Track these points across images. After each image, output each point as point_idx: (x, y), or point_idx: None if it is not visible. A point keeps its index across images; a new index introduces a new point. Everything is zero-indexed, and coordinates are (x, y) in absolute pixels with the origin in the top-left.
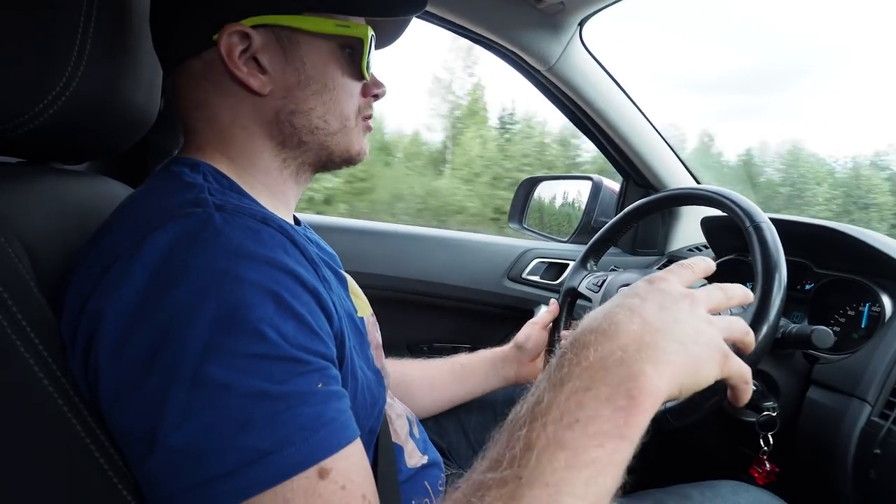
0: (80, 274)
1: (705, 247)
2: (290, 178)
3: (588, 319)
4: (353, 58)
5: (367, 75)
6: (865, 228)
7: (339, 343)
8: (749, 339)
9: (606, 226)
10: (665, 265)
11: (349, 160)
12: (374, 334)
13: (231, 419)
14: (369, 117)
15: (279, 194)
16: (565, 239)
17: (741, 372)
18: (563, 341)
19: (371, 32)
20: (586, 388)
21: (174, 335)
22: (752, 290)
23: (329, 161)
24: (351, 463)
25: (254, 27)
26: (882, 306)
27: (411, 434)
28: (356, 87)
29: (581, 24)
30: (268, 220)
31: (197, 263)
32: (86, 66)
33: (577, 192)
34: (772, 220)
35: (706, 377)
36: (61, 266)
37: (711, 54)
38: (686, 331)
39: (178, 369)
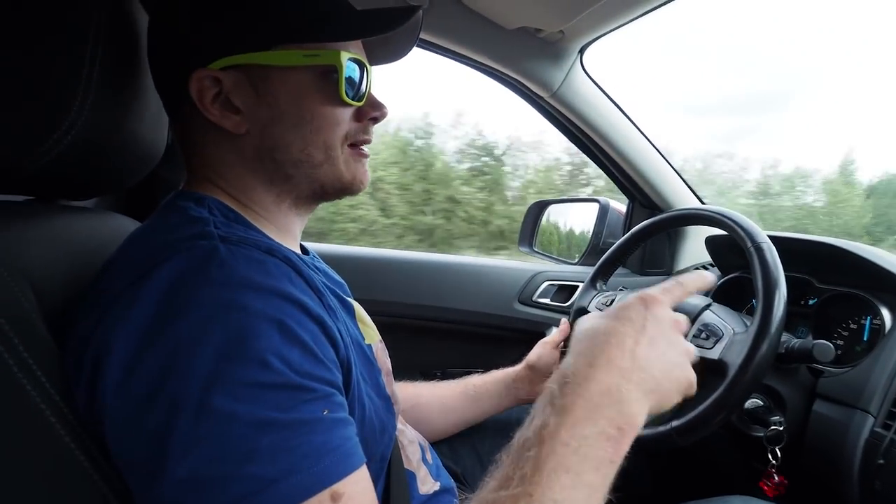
0: (86, 307)
1: (711, 265)
2: (289, 210)
3: (585, 346)
4: (335, 85)
5: (348, 101)
6: (863, 244)
7: (346, 370)
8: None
9: (614, 247)
10: None
11: (344, 190)
12: (384, 361)
13: (237, 449)
14: (363, 143)
15: (282, 226)
16: (575, 261)
17: (693, 386)
18: (561, 366)
19: (348, 57)
20: (587, 419)
21: (179, 366)
22: (755, 308)
23: (323, 192)
24: (358, 489)
25: (223, 69)
26: (882, 319)
27: (424, 460)
28: (343, 113)
29: (581, 52)
30: (273, 250)
31: (202, 294)
32: (91, 104)
33: (585, 215)
34: (772, 237)
35: (671, 404)
36: (68, 301)
37: (707, 77)
38: (664, 368)
39: (183, 399)
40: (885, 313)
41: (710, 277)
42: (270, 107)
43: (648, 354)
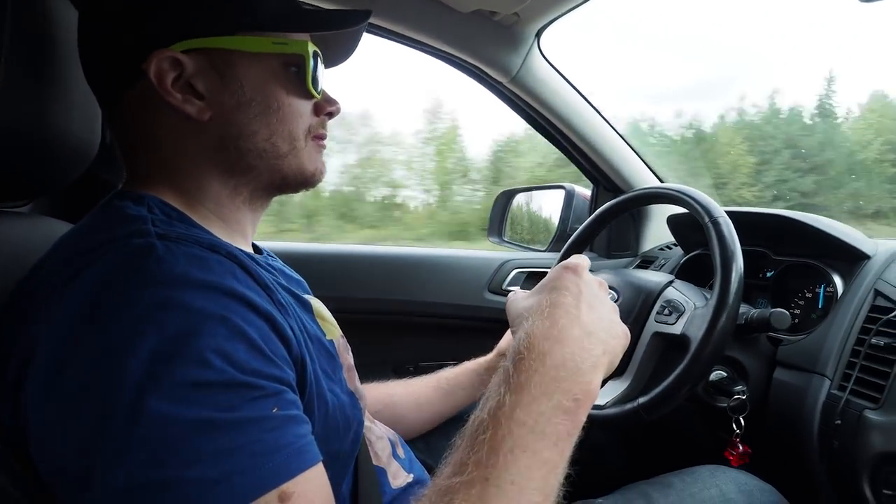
0: (11, 313)
1: (674, 244)
2: (244, 204)
3: (534, 322)
4: (298, 76)
5: (314, 93)
6: (815, 215)
7: (300, 368)
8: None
9: (578, 230)
10: (640, 265)
11: (305, 182)
12: (346, 356)
13: (175, 452)
14: (323, 136)
15: (234, 223)
16: (544, 248)
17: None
18: (513, 344)
19: (313, 49)
20: (543, 394)
21: (110, 368)
22: (713, 281)
23: (283, 184)
24: (310, 488)
25: (185, 52)
26: (835, 287)
27: (394, 455)
28: (305, 105)
29: (538, 35)
30: (216, 246)
31: (136, 293)
32: (2, 96)
33: (551, 201)
34: (729, 212)
35: (618, 361)
36: None
37: (662, 64)
38: (606, 327)
39: (115, 403)
40: (837, 280)
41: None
42: (236, 93)
43: (592, 318)
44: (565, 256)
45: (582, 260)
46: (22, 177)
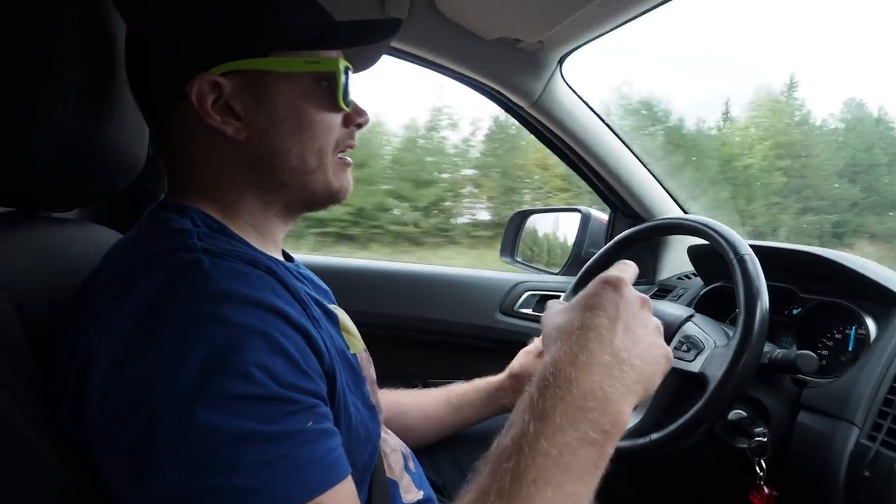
0: (69, 321)
1: (694, 275)
2: (277, 217)
3: (563, 344)
4: (329, 91)
5: (344, 106)
6: (847, 253)
7: (331, 381)
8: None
9: (594, 257)
10: (657, 294)
11: (331, 198)
12: (369, 370)
13: (218, 461)
14: (348, 148)
15: (267, 234)
16: (556, 271)
17: (671, 358)
18: (540, 368)
19: (344, 64)
20: (569, 424)
21: (162, 378)
22: (735, 318)
23: (313, 201)
24: (342, 500)
25: (223, 74)
26: (867, 329)
27: (406, 468)
28: (335, 119)
29: (561, 62)
30: (256, 262)
31: (185, 307)
32: (72, 112)
33: (567, 225)
34: (755, 247)
35: (652, 391)
36: (50, 314)
37: (678, 81)
38: (643, 352)
39: (165, 412)
40: (870, 323)
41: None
42: (270, 113)
43: (627, 343)
44: (581, 282)
45: (624, 273)
46: (73, 186)
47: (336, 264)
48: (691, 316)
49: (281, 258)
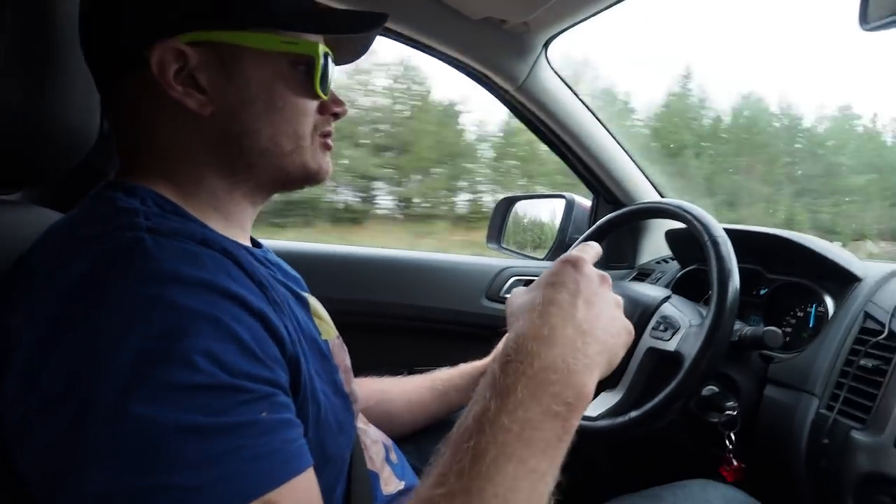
0: None
1: (671, 258)
2: (244, 199)
3: (525, 321)
4: (307, 76)
5: (320, 94)
6: (810, 236)
7: (294, 368)
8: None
9: (577, 241)
10: (636, 278)
11: (308, 179)
12: (342, 357)
13: (157, 458)
14: (328, 135)
15: (232, 217)
16: (542, 257)
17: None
18: (503, 346)
19: (324, 50)
20: (531, 398)
21: (92, 365)
22: (709, 299)
23: (287, 181)
24: (300, 495)
25: (190, 44)
26: (826, 307)
27: (388, 460)
28: (311, 105)
29: (546, 45)
30: (208, 241)
31: (123, 289)
32: (3, 86)
33: (551, 210)
34: (727, 230)
35: (616, 363)
36: None
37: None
38: (605, 325)
39: (95, 405)
40: (829, 301)
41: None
42: (240, 90)
43: (588, 316)
44: None
45: (584, 253)
46: (15, 165)
47: (314, 250)
48: (668, 297)
49: (248, 244)
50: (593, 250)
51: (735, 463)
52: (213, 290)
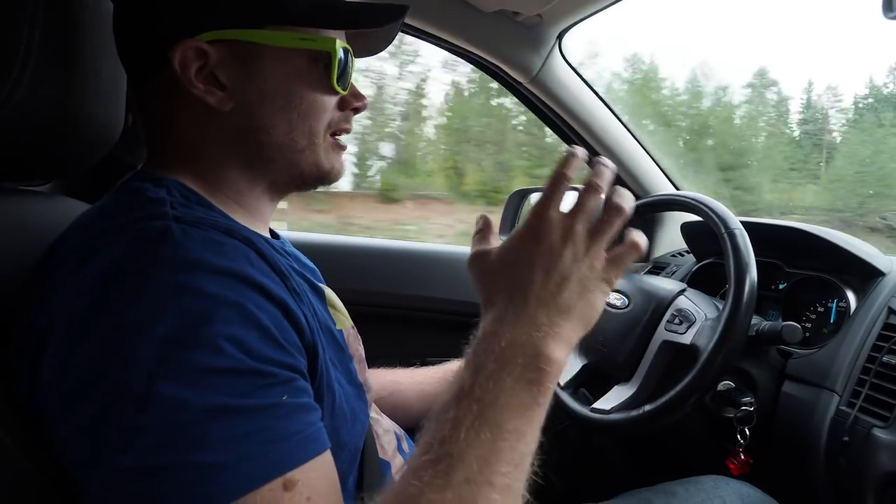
0: (30, 292)
1: (687, 252)
2: (263, 195)
3: (495, 308)
4: (325, 71)
5: (338, 89)
6: (829, 229)
7: (312, 356)
8: (634, 242)
9: None
10: (651, 272)
11: (321, 178)
12: (356, 347)
13: (184, 436)
14: (342, 132)
15: (253, 210)
16: None
17: (622, 267)
18: (478, 329)
19: (341, 45)
20: (501, 369)
21: (124, 350)
22: (727, 292)
23: (301, 180)
24: (315, 477)
25: (211, 42)
26: (847, 302)
27: (399, 449)
28: (329, 100)
29: (560, 37)
30: (232, 231)
31: (152, 276)
32: (31, 76)
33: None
34: (744, 223)
35: (595, 316)
36: (14, 287)
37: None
38: (572, 289)
39: (128, 386)
40: (850, 296)
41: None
42: (259, 87)
43: (548, 286)
44: None
45: (546, 208)
46: (45, 157)
47: (329, 242)
48: (683, 290)
49: (267, 235)
50: (561, 186)
51: (742, 457)
52: (237, 278)
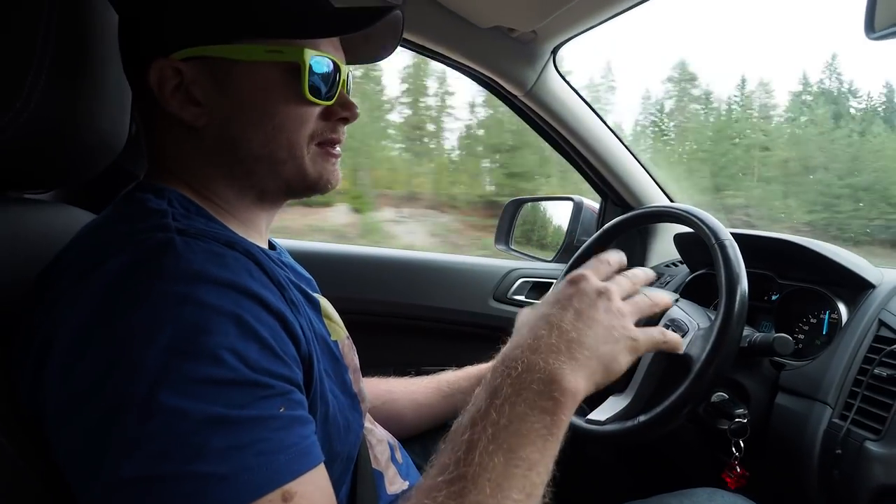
0: (34, 300)
1: (681, 262)
2: (253, 204)
3: (517, 336)
4: (299, 82)
5: (312, 99)
6: (821, 241)
7: (307, 367)
8: (659, 303)
9: (583, 246)
10: None
11: (311, 188)
12: (351, 358)
13: (185, 446)
14: (331, 142)
15: (248, 221)
16: (549, 259)
17: (653, 340)
18: (498, 355)
19: (316, 55)
20: (517, 394)
21: (127, 359)
22: (717, 302)
23: (288, 189)
24: (315, 487)
25: (185, 60)
26: (839, 314)
27: (393, 459)
28: (307, 111)
29: (554, 52)
30: (233, 243)
31: (155, 287)
32: (43, 88)
33: (560, 213)
34: (735, 234)
35: (618, 369)
36: (17, 294)
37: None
38: (598, 333)
39: (129, 395)
40: (842, 308)
41: (624, 258)
42: (232, 101)
43: (577, 326)
44: (573, 266)
45: (592, 268)
46: (50, 166)
47: (325, 250)
48: (676, 300)
49: (265, 246)
50: (604, 265)
51: (739, 470)
52: (238, 290)
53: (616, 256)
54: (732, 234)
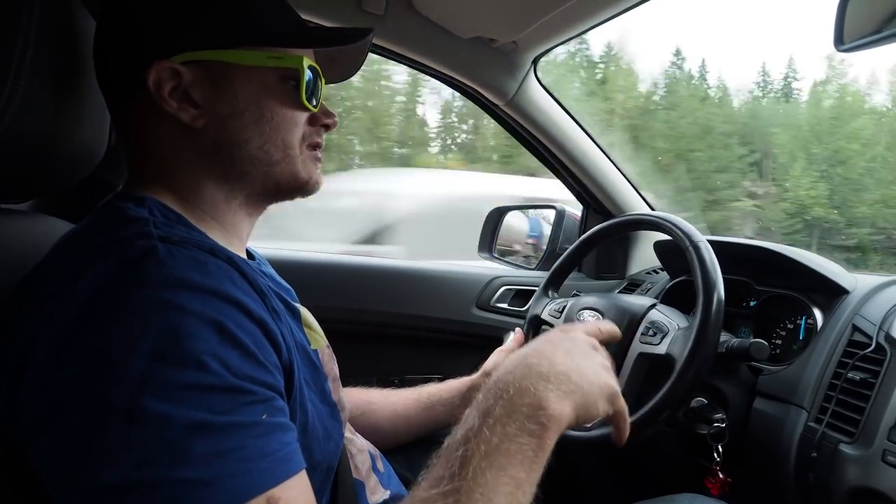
0: (12, 310)
1: (661, 269)
2: (240, 210)
3: (510, 363)
4: (294, 89)
5: (308, 105)
6: (798, 249)
7: (288, 375)
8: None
9: (564, 255)
10: (626, 289)
11: (298, 189)
12: (331, 366)
13: (169, 452)
14: (316, 146)
15: (230, 227)
16: (532, 267)
17: (624, 411)
18: (490, 378)
19: (309, 63)
20: (508, 415)
21: (109, 366)
22: (696, 303)
23: (277, 191)
24: (298, 493)
25: (184, 63)
26: (815, 319)
27: (374, 469)
28: (300, 116)
29: (535, 62)
30: (215, 251)
31: (137, 294)
32: (21, 99)
33: (543, 220)
34: (712, 241)
35: (598, 409)
36: None
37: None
38: (584, 372)
39: (111, 401)
40: (817, 313)
41: (617, 332)
42: (230, 103)
43: (566, 361)
44: (554, 276)
45: (586, 328)
46: (29, 177)
47: (306, 259)
48: (654, 304)
49: (244, 255)
50: (600, 331)
51: (721, 476)
52: (220, 297)
53: (608, 326)
54: (710, 240)
